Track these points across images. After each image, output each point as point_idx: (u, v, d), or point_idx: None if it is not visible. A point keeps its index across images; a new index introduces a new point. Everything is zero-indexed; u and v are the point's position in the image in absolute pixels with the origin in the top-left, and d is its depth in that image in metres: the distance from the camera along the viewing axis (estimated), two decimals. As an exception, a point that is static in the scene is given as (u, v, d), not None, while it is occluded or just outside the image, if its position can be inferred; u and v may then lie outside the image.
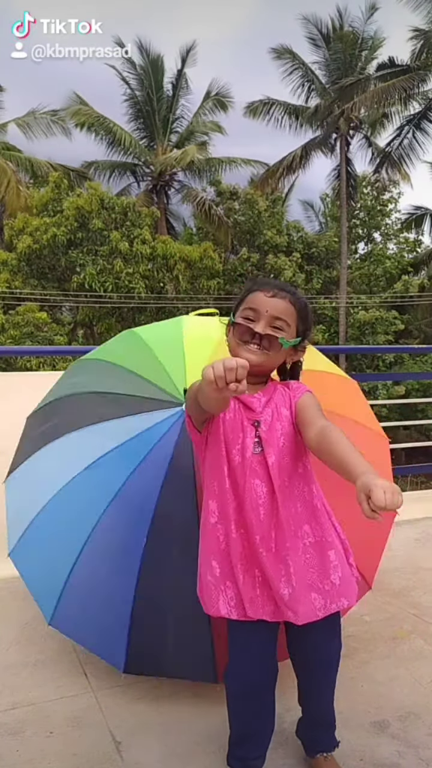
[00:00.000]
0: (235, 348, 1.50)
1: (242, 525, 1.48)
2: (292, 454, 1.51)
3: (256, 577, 1.47)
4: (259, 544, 1.46)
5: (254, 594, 1.47)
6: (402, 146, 22.40)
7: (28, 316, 17.03)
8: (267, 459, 1.47)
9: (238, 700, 1.58)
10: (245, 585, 1.47)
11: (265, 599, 1.47)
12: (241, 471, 1.47)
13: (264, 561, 1.45)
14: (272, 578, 1.45)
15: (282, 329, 1.49)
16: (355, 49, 21.79)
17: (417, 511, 3.98)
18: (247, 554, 1.48)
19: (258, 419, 1.49)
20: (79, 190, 19.03)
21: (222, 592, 1.49)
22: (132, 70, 22.15)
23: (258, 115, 22.61)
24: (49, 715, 1.95)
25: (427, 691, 2.07)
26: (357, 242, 25.28)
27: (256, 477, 1.47)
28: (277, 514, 1.46)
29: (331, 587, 1.49)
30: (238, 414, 1.50)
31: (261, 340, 1.46)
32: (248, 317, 1.50)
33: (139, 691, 2.06)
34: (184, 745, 1.81)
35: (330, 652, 1.61)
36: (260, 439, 1.48)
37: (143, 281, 18.33)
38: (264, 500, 1.47)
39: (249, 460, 1.47)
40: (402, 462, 13.75)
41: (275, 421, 1.50)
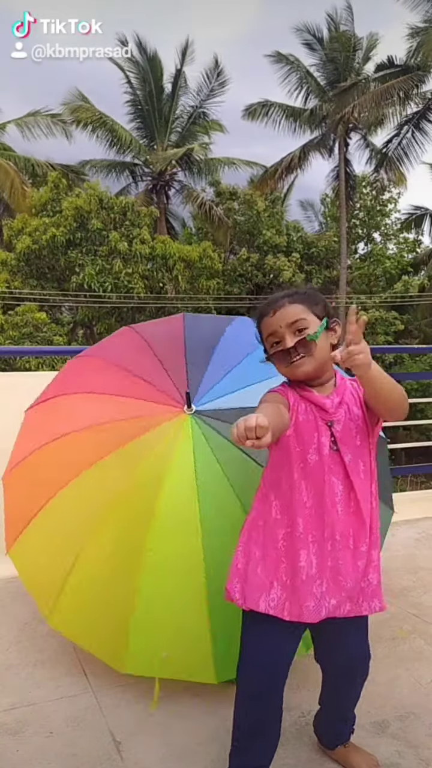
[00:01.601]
0: (286, 373, 1.53)
1: (317, 524, 1.49)
2: (365, 454, 1.55)
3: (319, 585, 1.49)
4: (339, 541, 1.50)
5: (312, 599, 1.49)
6: (401, 146, 22.41)
7: (27, 316, 17.01)
8: (343, 457, 1.51)
9: (250, 696, 1.56)
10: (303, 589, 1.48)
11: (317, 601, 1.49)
12: (319, 469, 1.49)
13: (344, 559, 1.49)
14: (348, 574, 1.50)
15: (306, 327, 1.50)
16: (350, 49, 21.78)
17: (417, 511, 3.98)
18: (318, 555, 1.49)
19: (332, 419, 1.52)
20: (78, 189, 19.01)
21: (266, 590, 1.51)
22: (132, 69, 22.17)
23: (256, 117, 22.61)
24: (49, 715, 1.95)
25: (427, 691, 2.08)
26: (357, 242, 25.28)
27: (333, 475, 1.50)
28: (357, 512, 1.51)
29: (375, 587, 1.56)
30: (311, 415, 1.52)
31: (297, 350, 1.48)
32: (274, 342, 1.53)
33: (139, 691, 2.06)
34: (184, 745, 1.81)
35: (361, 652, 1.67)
36: (335, 439, 1.51)
37: (142, 281, 18.32)
38: (340, 498, 1.50)
39: (326, 458, 1.50)
40: (402, 462, 13.76)
41: (349, 420, 1.53)
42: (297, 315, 1.50)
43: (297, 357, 1.48)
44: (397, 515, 2.23)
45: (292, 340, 1.48)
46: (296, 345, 1.47)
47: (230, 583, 1.58)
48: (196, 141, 22.70)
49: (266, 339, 1.55)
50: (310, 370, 1.49)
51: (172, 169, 22.43)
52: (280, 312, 1.51)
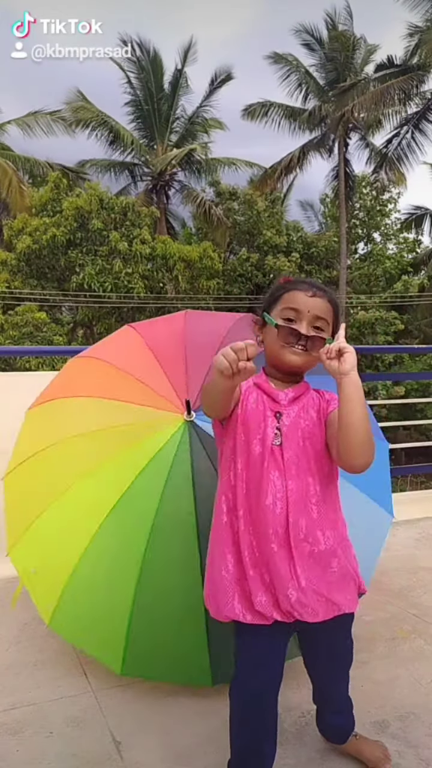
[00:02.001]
0: (278, 350, 1.47)
1: (255, 518, 1.46)
2: (312, 456, 1.49)
3: (264, 575, 1.45)
4: (271, 537, 1.44)
5: (263, 589, 1.45)
6: (401, 147, 22.40)
7: (27, 316, 17.01)
8: (284, 452, 1.46)
9: (244, 710, 1.53)
10: (254, 580, 1.45)
11: (273, 599, 1.45)
12: (260, 461, 1.46)
13: (274, 557, 1.44)
14: (281, 576, 1.44)
15: (323, 329, 1.47)
16: (349, 49, 21.78)
17: (417, 511, 3.98)
18: (257, 549, 1.46)
19: (280, 411, 1.48)
20: (78, 190, 19.01)
21: (235, 592, 1.47)
22: (132, 69, 22.17)
23: (256, 117, 22.60)
24: (49, 715, 1.95)
25: (427, 691, 2.08)
26: (356, 242, 25.28)
27: (275, 468, 1.46)
28: (291, 512, 1.45)
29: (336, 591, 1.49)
30: (261, 405, 1.49)
31: (306, 341, 1.44)
32: (289, 317, 1.47)
33: (139, 691, 2.06)
34: (184, 745, 1.81)
35: (342, 648, 1.65)
36: (280, 432, 1.47)
37: (143, 281, 18.32)
38: (281, 494, 1.45)
39: (269, 449, 1.46)
40: (402, 462, 13.75)
41: (299, 418, 1.49)
42: (326, 314, 1.48)
43: (301, 347, 1.44)
44: (397, 515, 2.23)
45: (308, 330, 1.45)
46: (311, 338, 1.44)
47: (205, 594, 1.56)
48: (196, 141, 22.70)
49: (283, 309, 1.48)
50: (299, 364, 1.46)
51: (172, 169, 22.43)
52: (318, 300, 1.47)
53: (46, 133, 21.07)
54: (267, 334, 1.52)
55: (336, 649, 1.64)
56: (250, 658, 1.51)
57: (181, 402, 2.06)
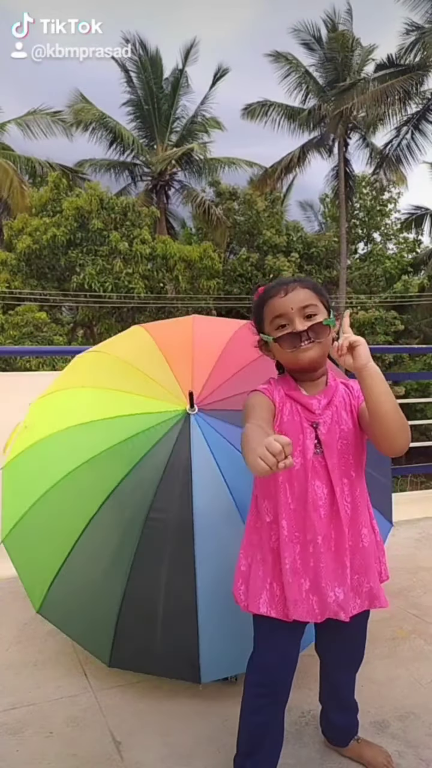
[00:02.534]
0: (290, 357, 1.47)
1: (300, 526, 1.48)
2: (351, 458, 1.51)
3: (303, 584, 1.49)
4: (321, 544, 1.47)
5: (299, 597, 1.48)
6: (400, 146, 22.40)
7: (27, 316, 17.00)
8: (327, 461, 1.48)
9: (258, 697, 1.57)
10: (291, 588, 1.48)
11: (308, 604, 1.49)
12: (303, 472, 1.47)
13: (323, 562, 1.47)
14: (328, 579, 1.47)
15: (315, 314, 1.46)
16: (349, 48, 21.78)
17: (417, 511, 3.98)
18: (301, 557, 1.48)
19: (317, 420, 1.49)
20: (78, 189, 19.01)
21: (266, 590, 1.50)
22: (133, 69, 22.17)
23: (256, 117, 22.58)
24: (49, 715, 1.95)
25: (427, 691, 2.07)
26: (356, 242, 25.27)
27: (317, 478, 1.48)
28: (337, 515, 1.48)
29: (369, 589, 1.54)
30: (296, 416, 1.49)
31: (308, 334, 1.44)
32: (281, 325, 1.47)
33: (139, 691, 2.06)
34: (184, 745, 1.81)
35: (359, 642, 1.70)
36: (320, 441, 1.48)
37: (143, 281, 18.31)
38: (324, 501, 1.48)
39: (310, 461, 1.47)
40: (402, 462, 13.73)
41: (334, 423, 1.50)
42: (308, 299, 1.47)
43: (307, 341, 1.43)
44: (397, 515, 2.23)
45: (302, 324, 1.44)
46: (309, 329, 1.44)
47: (235, 585, 1.58)
48: (196, 141, 22.70)
49: (272, 321, 1.48)
50: (316, 357, 1.45)
51: (172, 169, 22.43)
52: (293, 294, 1.46)
53: (45, 134, 21.08)
54: (274, 350, 1.53)
55: (354, 643, 1.68)
56: (268, 646, 1.55)
57: (185, 394, 2.08)
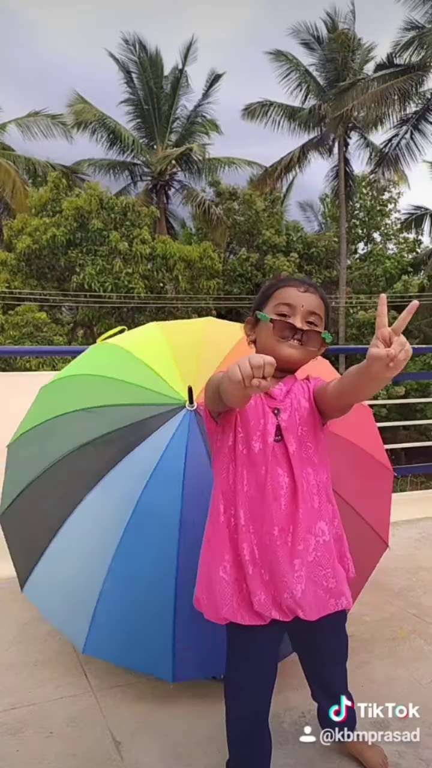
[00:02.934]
0: (275, 345, 1.47)
1: (257, 516, 1.44)
2: (311, 445, 1.49)
3: (263, 575, 1.44)
4: (277, 536, 1.42)
5: (262, 588, 1.43)
6: (400, 146, 22.41)
7: (27, 316, 17.01)
8: (288, 447, 1.46)
9: (241, 710, 1.53)
10: (253, 579, 1.43)
11: (272, 598, 1.44)
12: (263, 458, 1.44)
13: (279, 555, 1.42)
14: (285, 573, 1.42)
15: (316, 324, 1.48)
16: (349, 48, 21.78)
17: (417, 511, 3.98)
18: (258, 548, 1.44)
19: (278, 407, 1.49)
20: (78, 190, 19.01)
21: (233, 593, 1.44)
22: (133, 69, 22.18)
23: (256, 117, 22.60)
24: (49, 715, 1.95)
25: (427, 691, 2.07)
26: (356, 242, 25.26)
27: (278, 465, 1.45)
28: (297, 507, 1.44)
29: (335, 585, 1.48)
30: (259, 400, 1.48)
31: (302, 335, 1.45)
32: (283, 313, 1.48)
33: (139, 691, 2.06)
34: (184, 745, 1.81)
35: (338, 643, 1.65)
36: (280, 428, 1.47)
37: (143, 281, 18.31)
38: (286, 491, 1.44)
39: (270, 446, 1.45)
40: (402, 462, 13.76)
41: (294, 410, 1.50)
42: (319, 310, 1.50)
43: (298, 340, 1.45)
44: (397, 515, 2.23)
45: (302, 324, 1.46)
46: (306, 332, 1.45)
47: (196, 595, 1.54)
48: (195, 141, 22.71)
49: (277, 305, 1.49)
50: (296, 358, 1.47)
51: (172, 169, 22.44)
52: (310, 295, 1.50)
53: (45, 135, 21.11)
54: (260, 331, 1.53)
55: (331, 644, 1.64)
56: (245, 658, 1.50)
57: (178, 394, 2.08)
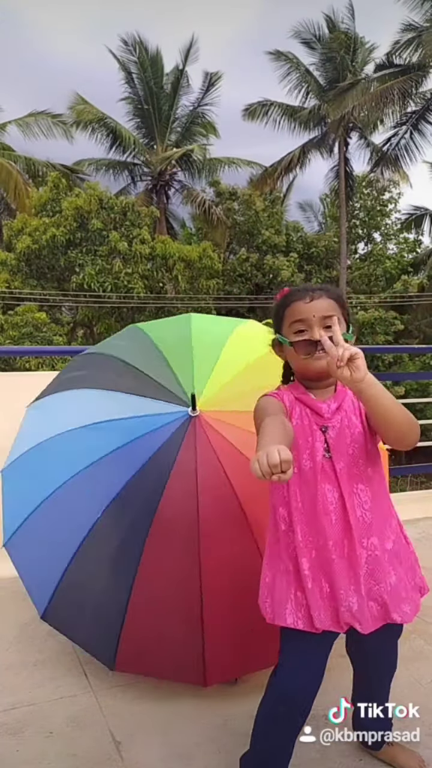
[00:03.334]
0: (303, 363, 1.49)
1: (312, 531, 1.48)
2: (362, 462, 1.51)
3: (323, 587, 1.47)
4: (332, 549, 1.46)
5: (322, 603, 1.47)
6: (399, 146, 22.42)
7: (27, 316, 17.00)
8: (335, 465, 1.48)
9: (279, 710, 1.53)
10: (313, 593, 1.46)
11: (330, 609, 1.47)
12: (312, 476, 1.47)
13: (335, 568, 1.46)
14: (342, 586, 1.45)
15: (335, 326, 1.47)
16: (349, 48, 21.80)
17: (417, 511, 3.98)
18: (317, 562, 1.47)
19: (326, 424, 1.49)
20: (77, 189, 19.01)
21: (291, 601, 1.48)
22: (133, 69, 22.18)
23: (256, 117, 22.61)
24: (49, 715, 1.95)
25: (427, 691, 2.07)
26: (357, 242, 25.27)
27: (327, 482, 1.48)
28: (347, 521, 1.47)
29: (389, 600, 1.49)
30: (306, 419, 1.50)
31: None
32: (299, 330, 1.49)
33: (139, 691, 2.06)
34: (184, 745, 1.81)
35: (388, 654, 1.66)
36: (329, 445, 1.48)
37: (142, 281, 18.31)
38: (335, 506, 1.47)
39: (319, 464, 1.47)
40: (402, 462, 13.75)
41: (345, 428, 1.50)
42: (331, 310, 1.49)
43: (322, 351, 1.43)
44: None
45: (320, 334, 1.45)
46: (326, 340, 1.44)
47: (261, 597, 1.57)
48: (196, 141, 22.71)
49: (291, 324, 1.50)
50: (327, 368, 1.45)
51: (172, 169, 22.43)
52: (318, 302, 1.49)
53: (45, 134, 21.11)
54: (288, 352, 1.54)
55: (382, 655, 1.66)
56: (295, 660, 1.52)
57: (188, 397, 2.06)
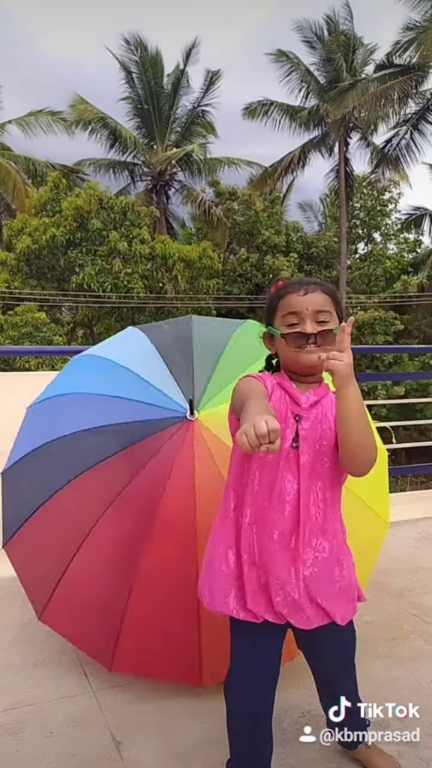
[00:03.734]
0: (294, 356, 1.48)
1: (260, 518, 1.46)
2: (328, 461, 1.49)
3: (259, 576, 1.46)
4: (276, 540, 1.45)
5: (257, 590, 1.46)
6: (399, 146, 22.41)
7: (27, 316, 17.01)
8: (300, 456, 1.46)
9: (240, 707, 1.53)
10: (249, 579, 1.46)
11: (265, 600, 1.46)
12: (275, 462, 1.45)
13: (276, 559, 1.44)
14: (279, 578, 1.44)
15: (327, 321, 1.47)
16: (349, 48, 21.80)
17: (417, 511, 3.98)
18: (257, 548, 1.46)
19: (301, 414, 1.49)
20: (77, 189, 19.01)
21: (234, 588, 1.48)
22: (133, 69, 22.17)
23: (256, 117, 22.61)
24: (49, 715, 1.95)
25: (427, 691, 2.07)
26: (357, 242, 25.28)
27: (288, 471, 1.46)
28: (298, 516, 1.45)
29: (327, 604, 1.49)
30: (283, 405, 1.48)
31: (316, 338, 1.45)
32: (292, 323, 1.48)
33: (139, 691, 2.06)
34: (184, 745, 1.81)
35: (338, 651, 1.64)
36: (298, 435, 1.47)
37: (142, 281, 18.32)
38: (291, 497, 1.46)
39: (285, 451, 1.45)
40: (402, 462, 13.75)
41: (318, 423, 1.49)
42: (325, 305, 1.48)
43: (313, 345, 1.44)
44: (397, 515, 2.23)
45: (313, 327, 1.45)
46: (318, 333, 1.44)
47: (200, 581, 1.55)
48: (196, 141, 22.71)
49: (284, 316, 1.50)
50: (317, 362, 1.44)
51: (172, 169, 22.44)
52: (312, 295, 1.48)
53: (45, 133, 21.13)
54: (279, 345, 1.54)
55: (330, 652, 1.64)
56: (244, 653, 1.51)
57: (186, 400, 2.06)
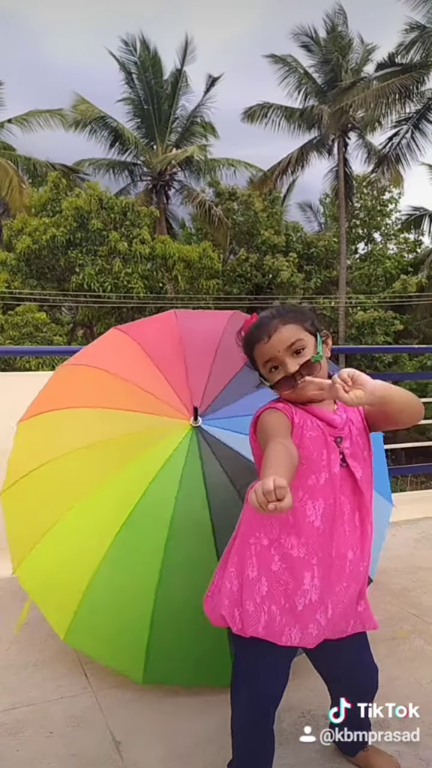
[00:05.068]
0: (295, 398, 1.46)
1: (322, 545, 1.44)
2: (369, 468, 1.51)
3: (328, 602, 1.46)
4: (338, 563, 1.45)
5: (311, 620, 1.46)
6: (400, 146, 22.38)
7: (27, 316, 17.00)
8: (355, 473, 1.46)
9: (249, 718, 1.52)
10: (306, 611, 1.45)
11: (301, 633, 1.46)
12: (330, 487, 1.43)
13: (342, 580, 1.46)
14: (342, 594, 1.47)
15: (304, 347, 1.43)
16: (348, 48, 21.80)
17: (417, 511, 3.98)
18: (319, 578, 1.45)
19: (340, 435, 1.47)
20: (77, 189, 19.00)
21: (264, 613, 1.44)
22: (133, 69, 22.17)
23: (255, 120, 22.60)
24: (49, 715, 1.95)
25: (427, 691, 2.07)
26: (357, 242, 25.27)
27: (342, 493, 1.45)
28: (359, 529, 1.47)
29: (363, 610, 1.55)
30: (319, 431, 1.45)
31: (302, 374, 1.41)
32: (273, 367, 1.46)
33: (139, 691, 2.06)
34: (184, 745, 1.81)
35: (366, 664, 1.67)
36: (344, 455, 1.46)
37: (142, 281, 18.31)
38: (348, 517, 1.46)
39: (337, 475, 1.44)
40: (402, 462, 13.76)
41: (356, 436, 1.49)
42: (293, 336, 1.43)
43: (302, 379, 1.40)
44: (397, 515, 2.23)
45: (294, 364, 1.42)
46: (300, 369, 1.41)
47: (225, 608, 1.49)
48: (195, 141, 22.71)
49: (264, 365, 1.47)
50: (318, 392, 1.42)
51: (172, 169, 22.43)
52: (276, 336, 1.43)
53: (43, 127, 21.07)
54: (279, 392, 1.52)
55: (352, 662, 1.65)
56: (254, 663, 1.49)
57: (185, 407, 2.04)
